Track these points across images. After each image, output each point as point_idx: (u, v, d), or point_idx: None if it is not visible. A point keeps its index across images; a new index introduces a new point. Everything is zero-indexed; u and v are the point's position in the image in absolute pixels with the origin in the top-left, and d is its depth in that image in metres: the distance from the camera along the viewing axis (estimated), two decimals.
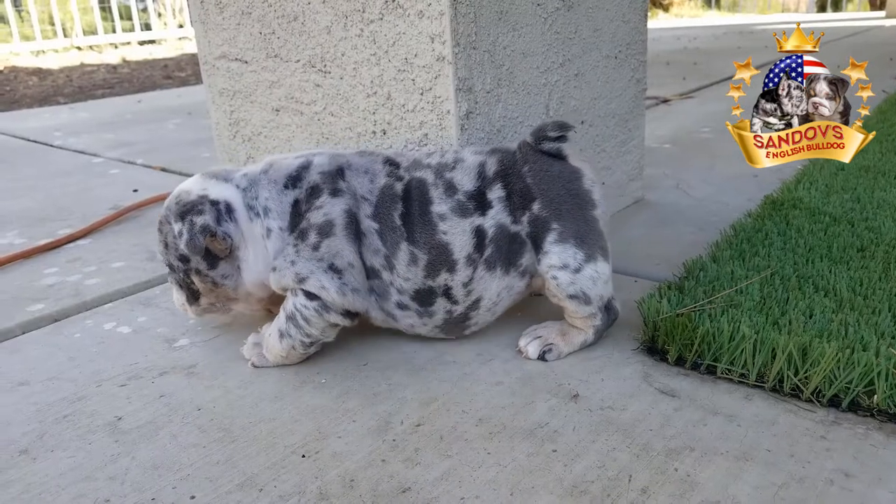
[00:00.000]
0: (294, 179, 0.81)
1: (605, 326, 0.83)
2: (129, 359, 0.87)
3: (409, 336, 0.88)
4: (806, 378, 0.71)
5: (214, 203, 0.79)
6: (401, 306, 0.81)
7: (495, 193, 0.79)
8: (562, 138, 0.80)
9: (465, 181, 0.80)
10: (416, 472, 0.63)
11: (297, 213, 0.80)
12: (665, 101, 2.51)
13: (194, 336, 0.92)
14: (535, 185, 0.78)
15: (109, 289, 1.08)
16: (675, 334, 0.77)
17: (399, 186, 0.80)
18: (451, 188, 0.79)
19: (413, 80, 0.98)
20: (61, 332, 0.96)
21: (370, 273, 0.80)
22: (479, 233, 0.78)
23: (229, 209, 0.79)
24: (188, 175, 1.79)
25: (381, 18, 0.98)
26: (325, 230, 0.78)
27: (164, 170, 1.86)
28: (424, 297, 0.80)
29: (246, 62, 1.20)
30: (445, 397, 0.75)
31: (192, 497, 0.62)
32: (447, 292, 0.79)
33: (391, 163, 0.83)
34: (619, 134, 1.30)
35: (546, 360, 0.81)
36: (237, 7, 1.17)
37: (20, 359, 0.89)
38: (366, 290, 0.79)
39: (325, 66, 1.08)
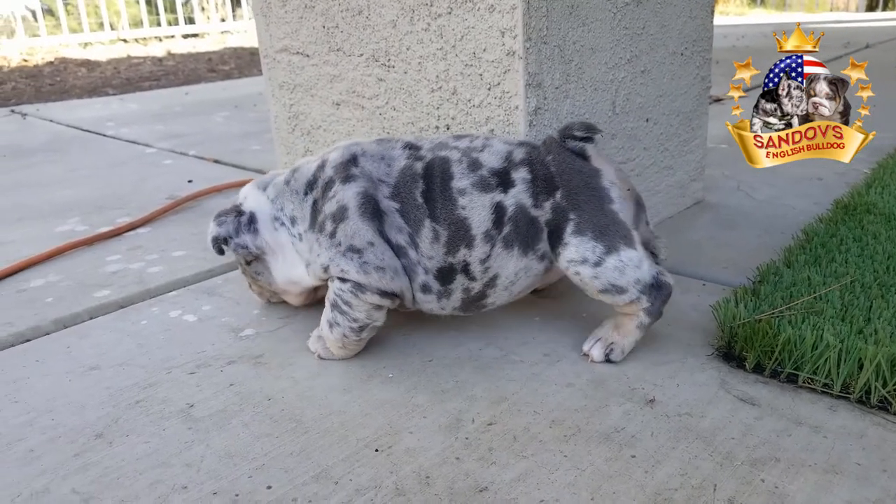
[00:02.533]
0: (311, 184, 0.84)
1: (659, 304, 0.79)
2: (196, 347, 0.88)
3: (474, 333, 0.87)
4: (895, 390, 0.68)
5: (240, 214, 0.87)
6: (424, 288, 0.80)
7: (520, 175, 0.79)
8: (587, 139, 0.80)
9: (492, 160, 0.80)
10: (491, 471, 0.63)
11: (315, 211, 0.83)
12: (717, 100, 2.45)
13: (259, 326, 0.93)
14: (558, 174, 0.79)
15: (172, 277, 1.10)
16: (755, 341, 0.75)
17: (419, 165, 0.81)
18: (475, 164, 0.80)
19: (480, 74, 0.97)
20: (128, 319, 0.98)
21: (397, 251, 0.79)
22: (498, 209, 0.78)
23: (252, 220, 0.87)
24: (241, 167, 1.82)
25: (450, 13, 0.97)
26: (339, 216, 0.79)
27: (216, 161, 1.89)
28: (446, 276, 0.80)
29: (307, 56, 1.21)
30: (515, 397, 0.74)
31: (269, 487, 0.62)
32: (466, 268, 0.79)
33: (411, 147, 0.84)
34: (683, 133, 1.27)
35: (612, 361, 0.79)
36: (300, 1, 1.18)
37: (90, 343, 0.91)
38: (395, 269, 0.79)
39: (388, 60, 1.08)
